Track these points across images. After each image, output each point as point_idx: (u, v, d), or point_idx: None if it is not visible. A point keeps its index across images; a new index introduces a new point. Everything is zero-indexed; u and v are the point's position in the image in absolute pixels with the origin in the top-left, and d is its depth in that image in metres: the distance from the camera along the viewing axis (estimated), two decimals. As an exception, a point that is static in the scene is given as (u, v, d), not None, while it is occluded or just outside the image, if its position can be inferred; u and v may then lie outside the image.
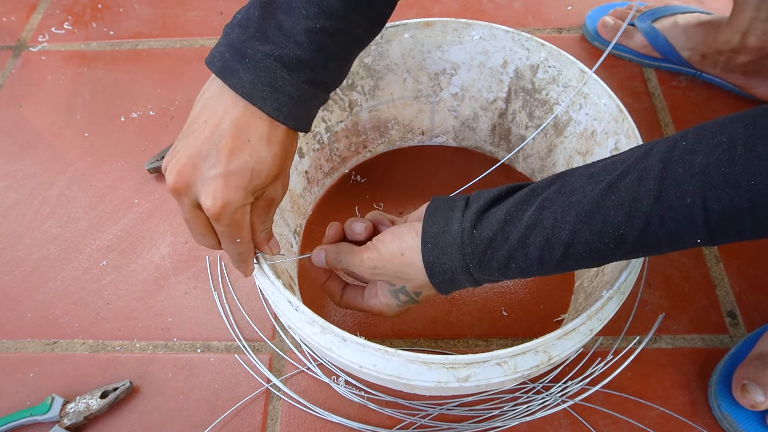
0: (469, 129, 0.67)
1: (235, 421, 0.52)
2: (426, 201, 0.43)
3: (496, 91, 0.61)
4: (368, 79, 0.60)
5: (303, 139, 0.58)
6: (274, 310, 0.43)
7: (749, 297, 0.57)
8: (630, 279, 0.43)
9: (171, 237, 0.64)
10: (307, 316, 0.40)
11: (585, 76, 0.52)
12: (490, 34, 0.56)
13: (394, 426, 0.51)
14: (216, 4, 0.87)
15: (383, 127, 0.66)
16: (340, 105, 0.60)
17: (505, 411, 0.51)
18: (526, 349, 0.38)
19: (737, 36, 0.65)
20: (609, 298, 0.41)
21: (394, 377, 0.38)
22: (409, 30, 0.57)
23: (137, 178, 0.69)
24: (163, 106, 0.75)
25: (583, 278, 0.55)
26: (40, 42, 0.84)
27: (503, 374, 0.38)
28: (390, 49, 0.58)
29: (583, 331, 0.40)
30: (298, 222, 0.61)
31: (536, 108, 0.59)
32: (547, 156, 0.61)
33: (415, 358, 0.38)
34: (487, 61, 0.58)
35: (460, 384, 0.38)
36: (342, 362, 0.40)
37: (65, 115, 0.75)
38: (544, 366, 0.39)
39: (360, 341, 0.39)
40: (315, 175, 0.63)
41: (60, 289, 0.61)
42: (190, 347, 0.56)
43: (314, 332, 0.40)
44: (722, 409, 0.49)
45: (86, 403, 0.52)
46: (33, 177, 0.70)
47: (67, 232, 0.65)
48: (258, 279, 0.44)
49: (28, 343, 0.57)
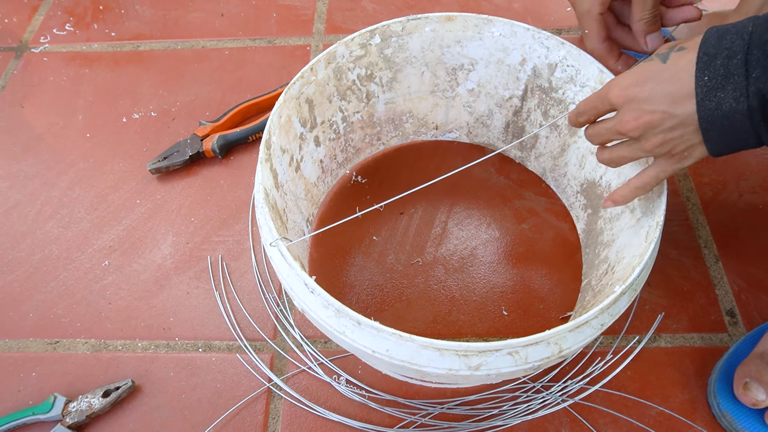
0: (483, 125, 0.67)
1: (237, 420, 0.52)
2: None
3: (513, 88, 0.61)
4: (387, 70, 0.60)
5: (320, 128, 0.58)
6: (290, 293, 0.43)
7: (748, 296, 0.58)
8: (643, 275, 0.43)
9: (173, 237, 0.64)
10: (323, 298, 0.40)
11: (603, 76, 0.51)
12: (511, 32, 0.56)
13: (394, 425, 0.51)
14: (217, 6, 0.87)
15: (398, 120, 0.66)
16: (357, 96, 0.60)
17: (505, 410, 0.51)
18: (538, 339, 0.38)
19: None
20: (622, 293, 0.41)
21: (407, 363, 0.38)
22: (431, 23, 0.57)
23: (139, 178, 0.69)
24: (164, 106, 0.76)
25: (591, 276, 0.55)
26: (42, 43, 0.84)
27: (514, 364, 0.38)
28: (410, 41, 0.58)
29: (594, 325, 0.40)
30: (311, 211, 0.62)
31: (551, 107, 0.59)
32: (559, 155, 0.61)
33: (429, 343, 0.38)
34: (506, 58, 0.58)
35: (471, 372, 0.38)
36: (355, 347, 0.40)
37: (67, 115, 0.76)
38: (555, 358, 0.39)
39: (375, 325, 0.39)
40: (329, 165, 0.63)
41: (62, 289, 0.61)
42: (191, 347, 0.57)
43: (329, 315, 0.40)
44: (722, 408, 0.50)
45: (88, 402, 0.52)
46: (35, 177, 0.70)
47: (69, 233, 0.65)
48: (274, 262, 0.44)
49: (30, 343, 0.58)
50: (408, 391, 0.53)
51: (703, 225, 0.63)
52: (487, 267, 0.60)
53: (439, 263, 0.60)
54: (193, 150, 0.69)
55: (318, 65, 0.54)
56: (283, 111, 0.51)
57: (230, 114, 0.72)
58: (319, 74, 0.55)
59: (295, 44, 0.82)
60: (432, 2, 0.86)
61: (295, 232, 0.55)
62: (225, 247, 0.63)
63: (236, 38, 0.83)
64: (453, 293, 0.58)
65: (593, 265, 0.55)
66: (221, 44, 0.82)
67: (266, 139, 0.48)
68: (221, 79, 0.78)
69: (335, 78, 0.57)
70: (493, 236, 0.62)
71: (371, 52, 0.57)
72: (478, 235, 0.62)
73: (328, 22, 0.84)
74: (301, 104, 0.54)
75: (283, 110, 0.51)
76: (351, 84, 0.59)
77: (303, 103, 0.54)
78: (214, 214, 0.66)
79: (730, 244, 0.61)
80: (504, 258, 0.60)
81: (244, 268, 0.61)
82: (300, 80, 0.53)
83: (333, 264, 0.61)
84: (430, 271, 0.60)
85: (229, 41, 0.83)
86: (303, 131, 0.56)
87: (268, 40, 0.82)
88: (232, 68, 0.79)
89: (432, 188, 0.66)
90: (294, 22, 0.84)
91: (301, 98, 0.54)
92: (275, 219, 0.46)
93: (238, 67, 0.79)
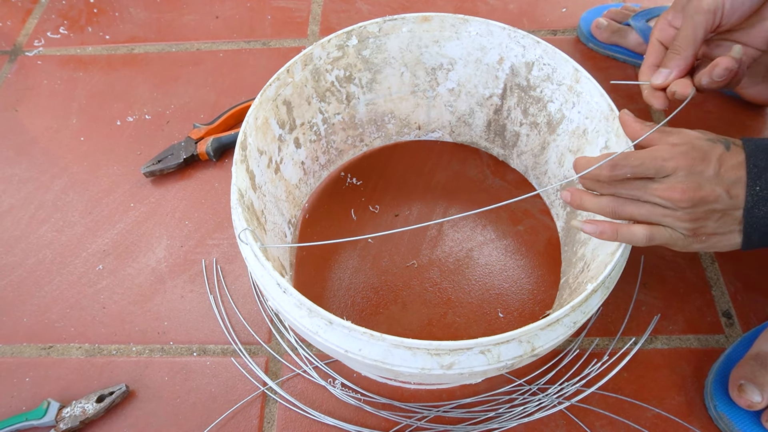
0: (465, 124, 0.67)
1: (232, 424, 0.52)
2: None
3: (492, 87, 0.61)
4: (366, 71, 0.60)
5: (299, 130, 0.58)
6: (264, 293, 0.43)
7: (744, 297, 0.57)
8: (614, 273, 0.43)
9: (167, 241, 0.64)
10: (295, 298, 0.40)
11: (578, 74, 0.52)
12: (487, 31, 0.57)
13: (390, 428, 0.51)
14: (211, 8, 0.87)
15: (380, 121, 0.66)
16: (337, 97, 0.60)
17: (501, 413, 0.51)
18: (509, 337, 0.38)
19: None
20: (593, 291, 0.41)
21: (379, 362, 0.39)
22: (408, 24, 0.57)
23: (133, 182, 0.69)
24: (159, 109, 0.75)
25: (568, 275, 0.55)
26: (36, 46, 0.84)
27: (487, 363, 0.38)
28: (388, 42, 0.58)
29: (566, 323, 0.40)
30: (293, 212, 0.62)
31: (531, 105, 0.59)
32: (540, 153, 0.62)
33: (400, 342, 0.38)
34: (484, 57, 0.59)
35: (443, 371, 0.38)
36: (328, 347, 0.40)
37: (61, 119, 0.75)
38: (527, 356, 0.39)
39: (346, 324, 0.39)
40: (311, 166, 0.63)
41: (56, 294, 0.60)
42: (186, 351, 0.56)
43: (301, 316, 0.40)
44: (718, 409, 0.49)
45: (82, 407, 0.52)
46: (29, 181, 0.70)
47: (63, 237, 0.65)
48: (248, 263, 0.44)
49: (23, 348, 0.57)
50: (404, 394, 0.53)
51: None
52: (482, 269, 0.60)
53: (435, 265, 0.60)
54: (188, 153, 0.69)
55: (295, 67, 0.54)
56: (259, 113, 0.52)
57: (225, 117, 0.72)
58: (296, 76, 0.55)
59: (290, 46, 0.81)
60: (428, 4, 0.86)
61: (275, 233, 0.55)
62: (219, 250, 0.63)
63: (231, 40, 0.83)
64: (448, 295, 0.58)
65: (571, 263, 0.56)
66: (216, 46, 0.82)
67: (242, 140, 0.49)
68: (216, 81, 0.78)
69: (313, 80, 0.57)
70: (489, 238, 0.62)
71: (349, 53, 0.57)
72: (473, 237, 0.62)
73: (323, 24, 0.84)
74: (279, 106, 0.54)
75: (259, 112, 0.52)
76: (330, 85, 0.59)
77: (280, 104, 0.54)
78: (209, 217, 0.65)
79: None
80: (499, 260, 0.60)
81: (238, 272, 0.61)
82: (276, 82, 0.53)
83: (328, 267, 0.60)
84: (426, 274, 0.60)
85: (224, 43, 0.82)
86: (282, 133, 0.56)
87: (263, 42, 0.82)
88: (226, 71, 0.79)
89: (427, 190, 0.66)
90: (289, 24, 0.84)
91: (278, 100, 0.54)
92: (250, 220, 0.46)
93: (233, 69, 0.79)
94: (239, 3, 0.88)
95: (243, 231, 0.43)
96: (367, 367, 0.40)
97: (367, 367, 0.40)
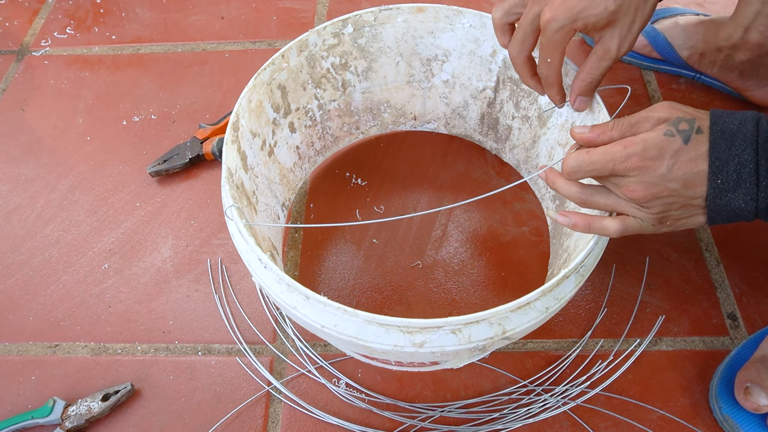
0: (460, 117, 0.67)
1: (236, 424, 0.52)
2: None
3: (486, 79, 0.61)
4: (362, 60, 0.60)
5: (294, 114, 0.59)
6: (249, 270, 0.44)
7: (750, 299, 0.57)
8: (589, 261, 0.44)
9: (172, 240, 0.64)
10: (275, 274, 0.41)
11: (567, 67, 0.52)
12: (480, 23, 0.57)
13: (394, 429, 0.51)
14: (217, 9, 0.87)
15: (376, 110, 0.67)
16: (333, 84, 0.61)
17: (505, 413, 0.51)
18: (479, 318, 0.39)
19: (739, 31, 0.65)
20: (565, 277, 0.42)
21: (354, 338, 0.39)
22: (402, 14, 0.58)
23: (139, 181, 0.69)
24: (164, 109, 0.76)
25: (554, 266, 0.55)
26: (43, 46, 0.84)
27: (458, 342, 0.39)
28: (383, 32, 0.59)
29: (538, 307, 0.41)
30: (287, 196, 0.62)
31: (522, 98, 0.59)
32: (531, 147, 0.62)
33: (372, 319, 0.39)
34: (477, 49, 0.59)
35: (415, 349, 0.39)
36: (306, 322, 0.40)
37: (67, 119, 0.76)
38: (499, 339, 0.39)
39: (322, 299, 0.39)
40: (306, 151, 0.64)
41: (62, 292, 0.61)
42: (191, 350, 0.57)
43: (281, 291, 0.41)
44: (723, 412, 0.49)
45: (88, 406, 0.52)
46: (35, 180, 0.70)
47: (69, 236, 0.65)
48: (234, 239, 0.45)
49: (29, 346, 0.58)
50: (408, 394, 0.53)
51: (705, 227, 0.62)
52: (487, 270, 0.60)
53: (439, 266, 0.60)
54: (193, 153, 0.69)
55: (290, 52, 0.55)
56: (252, 95, 0.52)
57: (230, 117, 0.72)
58: (292, 61, 0.55)
59: (296, 47, 0.82)
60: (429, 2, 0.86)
61: (268, 214, 0.56)
62: (225, 250, 0.63)
63: (236, 41, 0.83)
64: (453, 296, 0.58)
65: (557, 255, 0.56)
66: (221, 47, 0.82)
67: (233, 121, 0.50)
68: (221, 81, 0.78)
69: (309, 66, 0.57)
70: (494, 239, 0.62)
71: (344, 41, 0.58)
72: (478, 237, 0.62)
73: (329, 25, 0.84)
74: (273, 90, 0.55)
75: (252, 95, 0.52)
76: (326, 72, 0.59)
77: (275, 89, 0.55)
78: (214, 217, 0.66)
79: (731, 246, 0.61)
80: (505, 261, 0.60)
81: (243, 272, 0.61)
82: (271, 66, 0.54)
83: (333, 267, 0.61)
84: (430, 274, 0.60)
85: (230, 44, 0.83)
86: (276, 117, 0.57)
87: (269, 43, 0.83)
88: (232, 71, 0.79)
89: (432, 190, 0.66)
90: (294, 25, 0.84)
91: (272, 84, 0.54)
92: (239, 198, 0.47)
93: (239, 69, 0.79)
94: (245, 4, 0.88)
95: (229, 207, 0.44)
96: (343, 343, 0.41)
97: (344, 343, 0.41)
